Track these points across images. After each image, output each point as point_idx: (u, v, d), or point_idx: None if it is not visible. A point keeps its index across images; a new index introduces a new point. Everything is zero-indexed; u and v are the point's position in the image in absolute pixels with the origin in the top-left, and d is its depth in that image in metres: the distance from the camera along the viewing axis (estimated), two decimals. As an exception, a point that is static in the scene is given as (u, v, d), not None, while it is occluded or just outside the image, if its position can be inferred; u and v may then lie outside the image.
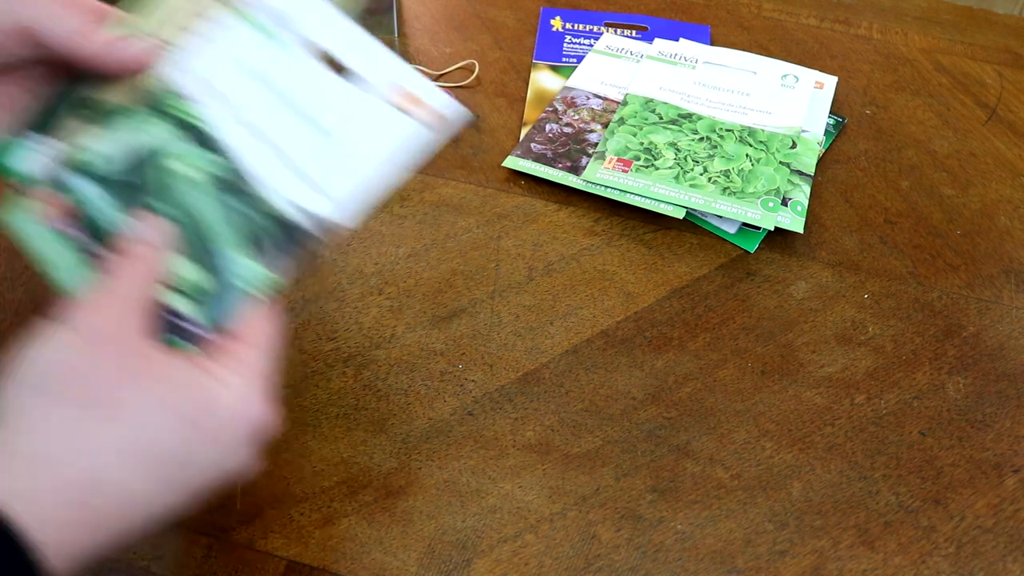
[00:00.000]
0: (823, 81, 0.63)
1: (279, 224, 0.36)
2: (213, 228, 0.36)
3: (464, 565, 0.40)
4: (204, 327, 0.34)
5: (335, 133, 0.37)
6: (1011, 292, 0.52)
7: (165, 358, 0.31)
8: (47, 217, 0.37)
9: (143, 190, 0.36)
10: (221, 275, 0.35)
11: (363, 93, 0.37)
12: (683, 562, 0.41)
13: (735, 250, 0.54)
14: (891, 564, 0.41)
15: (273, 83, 0.38)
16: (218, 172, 0.36)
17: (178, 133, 0.37)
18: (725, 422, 0.46)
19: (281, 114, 0.37)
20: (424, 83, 0.37)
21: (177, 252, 0.35)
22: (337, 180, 0.36)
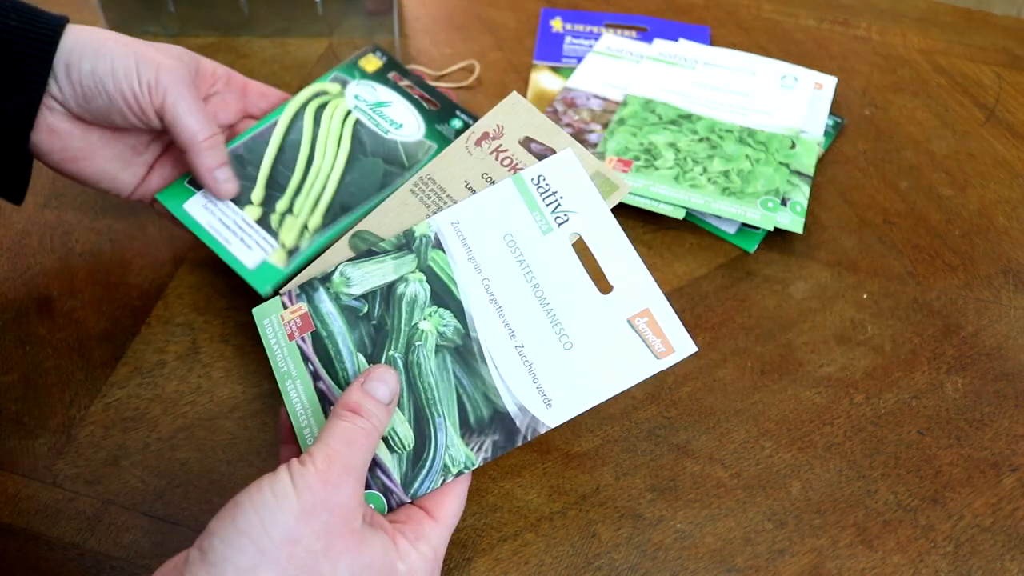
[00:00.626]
0: (822, 82, 0.64)
1: (497, 415, 0.37)
2: (440, 399, 0.37)
3: (464, 564, 0.40)
4: (404, 493, 0.36)
5: (577, 348, 0.38)
6: (1009, 292, 0.53)
7: (367, 533, 0.33)
8: (291, 328, 0.40)
9: (388, 338, 0.39)
10: (434, 448, 0.37)
11: (613, 311, 0.38)
12: (683, 561, 0.41)
13: (734, 250, 0.54)
14: (890, 563, 0.41)
15: (531, 268, 0.39)
16: (456, 340, 0.38)
17: (429, 287, 0.39)
18: (724, 421, 0.46)
19: (531, 304, 0.38)
20: (668, 314, 0.38)
21: (400, 408, 0.37)
22: (566, 395, 0.37)
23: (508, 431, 0.37)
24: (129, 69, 0.42)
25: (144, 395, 0.45)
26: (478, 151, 0.43)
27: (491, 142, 0.43)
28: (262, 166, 0.48)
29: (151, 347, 0.48)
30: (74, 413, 0.45)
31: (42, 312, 0.49)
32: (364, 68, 0.53)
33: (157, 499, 0.42)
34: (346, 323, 0.40)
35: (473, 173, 0.43)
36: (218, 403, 0.45)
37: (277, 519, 0.31)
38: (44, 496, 0.42)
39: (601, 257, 0.39)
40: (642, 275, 0.38)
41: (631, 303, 0.38)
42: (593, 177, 0.41)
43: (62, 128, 0.43)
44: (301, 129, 0.49)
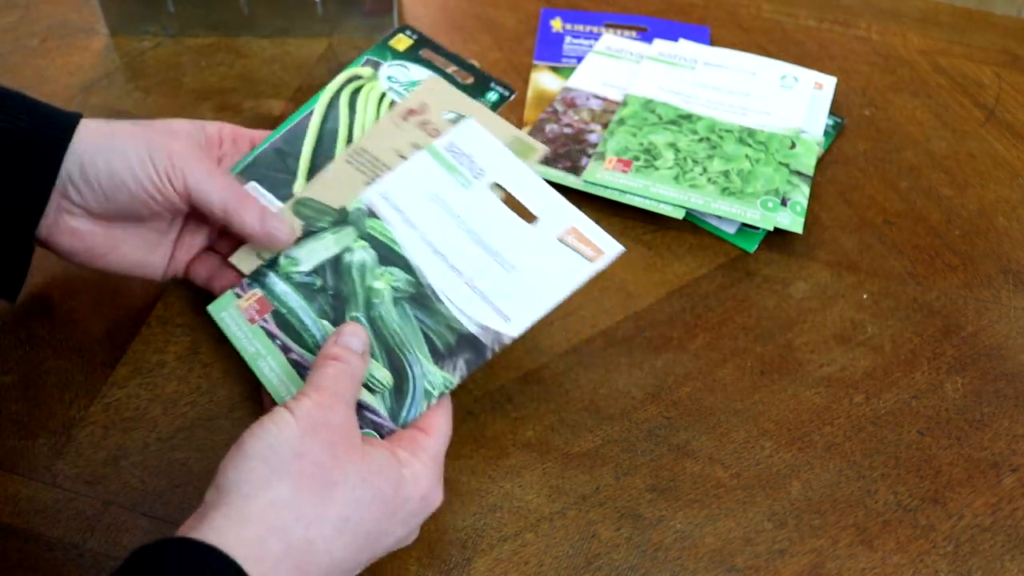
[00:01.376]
0: (822, 82, 0.64)
1: (462, 338, 0.41)
2: (408, 339, 0.42)
3: (464, 564, 0.40)
4: (393, 423, 0.40)
5: (520, 269, 0.43)
6: (1009, 292, 0.53)
7: (367, 448, 0.36)
8: (249, 313, 0.43)
9: (348, 302, 0.43)
10: (412, 379, 0.41)
11: (542, 234, 0.43)
12: (682, 561, 0.41)
13: (734, 250, 0.54)
14: (890, 563, 0.41)
15: (462, 219, 0.44)
16: (410, 289, 0.43)
17: (374, 251, 0.44)
18: (724, 422, 0.46)
19: (469, 246, 0.43)
20: (593, 226, 0.43)
21: (374, 356, 0.41)
22: (517, 306, 0.42)
23: (475, 348, 0.41)
24: (144, 160, 0.41)
25: (144, 395, 0.45)
26: (406, 125, 0.48)
27: (417, 116, 0.48)
28: (301, 158, 0.48)
29: (151, 347, 0.48)
30: (74, 413, 0.45)
31: (42, 313, 0.49)
32: (395, 48, 0.52)
33: (157, 499, 0.42)
34: (303, 297, 0.43)
35: (403, 143, 0.48)
36: (218, 403, 0.45)
37: (281, 439, 0.34)
38: (44, 496, 0.42)
39: (521, 196, 0.44)
40: (561, 203, 0.44)
41: (557, 225, 0.43)
42: (511, 144, 0.47)
43: (84, 229, 0.43)
44: (338, 116, 0.50)
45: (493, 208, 0.45)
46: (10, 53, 0.65)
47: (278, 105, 0.62)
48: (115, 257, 0.44)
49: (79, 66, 0.64)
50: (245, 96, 0.62)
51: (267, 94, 0.62)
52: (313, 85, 0.63)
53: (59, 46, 0.66)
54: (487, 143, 0.46)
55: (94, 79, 0.63)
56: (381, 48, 0.52)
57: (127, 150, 0.41)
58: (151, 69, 0.64)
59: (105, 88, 0.62)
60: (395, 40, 0.53)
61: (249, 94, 0.62)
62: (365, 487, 0.34)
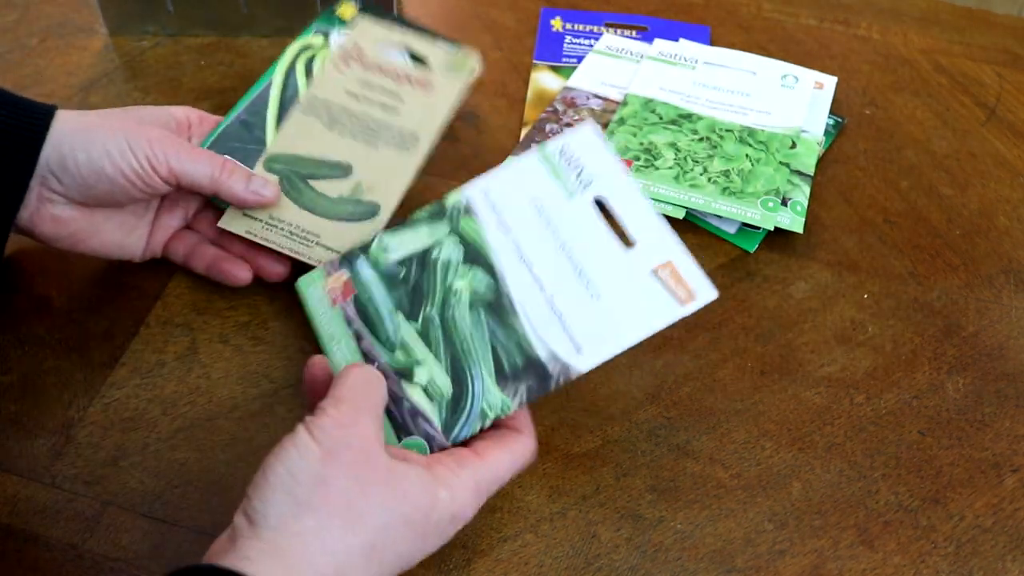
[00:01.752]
0: (823, 81, 0.63)
1: (530, 362, 0.40)
2: (475, 350, 0.41)
3: (464, 564, 0.40)
4: (445, 438, 0.39)
5: (604, 298, 0.41)
6: (1010, 292, 0.53)
7: (395, 465, 0.35)
8: (334, 294, 0.44)
9: (425, 298, 0.42)
10: (471, 395, 0.40)
11: (636, 264, 0.41)
12: (683, 562, 0.41)
13: (735, 250, 0.54)
14: (890, 563, 0.41)
15: (558, 230, 0.42)
16: (489, 295, 0.42)
17: (462, 248, 0.43)
18: (725, 422, 0.46)
19: (558, 259, 0.42)
20: (689, 263, 0.41)
21: (439, 359, 0.41)
22: (593, 337, 0.40)
23: (541, 376, 0.40)
24: (124, 151, 0.43)
25: (143, 396, 0.45)
26: (348, 70, 0.51)
27: (356, 61, 0.51)
28: (268, 127, 0.50)
29: (150, 347, 0.47)
30: (73, 414, 0.45)
31: (41, 312, 0.49)
32: (342, 17, 0.55)
33: (156, 500, 0.42)
34: (385, 287, 0.43)
35: (351, 84, 0.51)
36: (217, 404, 0.45)
37: (302, 467, 0.33)
38: (43, 497, 0.42)
39: (624, 216, 0.42)
40: (663, 231, 0.41)
41: (653, 256, 0.41)
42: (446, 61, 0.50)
43: (66, 216, 0.44)
44: (296, 84, 0.52)
45: (591, 224, 0.42)
46: (9, 52, 0.65)
47: (278, 105, 0.61)
48: (96, 241, 0.46)
49: (78, 66, 0.64)
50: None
51: (267, 94, 0.62)
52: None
53: (58, 46, 0.65)
54: (601, 154, 0.44)
55: (93, 79, 0.63)
56: (329, 17, 0.55)
57: (107, 142, 0.43)
58: (150, 69, 0.64)
59: (104, 88, 0.62)
60: (341, 9, 0.55)
61: (249, 94, 0.62)
62: (392, 513, 0.34)
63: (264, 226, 0.47)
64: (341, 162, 0.49)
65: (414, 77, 0.51)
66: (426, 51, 0.53)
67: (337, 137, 0.50)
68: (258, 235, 0.47)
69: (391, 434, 0.40)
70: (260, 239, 0.47)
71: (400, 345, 0.42)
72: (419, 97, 0.51)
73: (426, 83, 0.51)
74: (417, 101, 0.51)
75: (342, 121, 0.50)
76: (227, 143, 0.50)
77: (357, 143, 0.50)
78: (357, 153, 0.50)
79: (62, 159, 0.42)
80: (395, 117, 0.50)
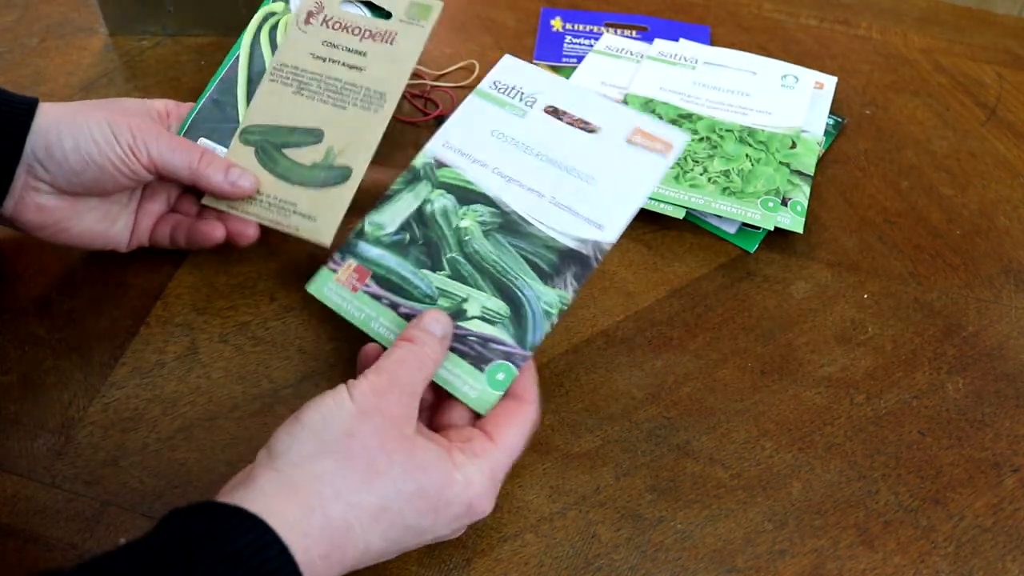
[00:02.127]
0: (823, 81, 0.63)
1: (563, 254, 0.43)
2: (510, 266, 0.43)
3: (464, 564, 0.40)
4: (523, 349, 0.42)
5: (599, 179, 0.45)
6: (1010, 292, 0.53)
7: (418, 439, 0.36)
8: (350, 283, 0.45)
9: (440, 246, 0.45)
10: (527, 303, 0.42)
11: (609, 141, 0.46)
12: (683, 562, 0.41)
13: (735, 250, 0.54)
14: (890, 563, 0.41)
15: (528, 146, 0.46)
16: (497, 220, 0.45)
17: (452, 196, 0.46)
18: (725, 422, 0.46)
19: (543, 167, 0.46)
20: (652, 121, 0.46)
21: (481, 289, 0.43)
22: (606, 212, 0.44)
23: (580, 261, 0.43)
24: (108, 137, 0.44)
25: (143, 395, 0.45)
26: (310, 28, 0.52)
27: (317, 17, 0.52)
28: (239, 104, 0.51)
29: (150, 347, 0.47)
30: (73, 414, 0.45)
31: (41, 312, 0.49)
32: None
33: (156, 500, 0.42)
34: (398, 254, 0.45)
35: (314, 45, 0.51)
36: (217, 403, 0.45)
37: (336, 418, 0.35)
38: (43, 497, 0.42)
39: (577, 111, 0.47)
40: (617, 107, 0.47)
41: (620, 129, 0.46)
42: (409, 9, 0.51)
43: (51, 204, 0.45)
44: (262, 55, 0.53)
45: (554, 128, 0.47)
46: (9, 52, 0.65)
47: (278, 105, 0.61)
48: (80, 230, 0.46)
49: (78, 65, 0.64)
50: (245, 96, 0.62)
51: (267, 94, 0.62)
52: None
53: (58, 45, 0.65)
54: (528, 72, 0.49)
55: (93, 78, 0.63)
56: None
57: (92, 129, 0.43)
58: (150, 68, 0.64)
59: (104, 88, 0.62)
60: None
61: (249, 94, 0.62)
62: (408, 480, 0.35)
63: (244, 199, 0.48)
64: (312, 128, 0.50)
65: (376, 31, 0.51)
66: (387, 4, 0.52)
67: (306, 101, 0.50)
68: (238, 208, 0.48)
69: (471, 369, 0.42)
70: (241, 212, 0.48)
71: (439, 294, 0.44)
72: (383, 51, 0.51)
73: (388, 35, 0.51)
74: (381, 56, 0.51)
75: (310, 86, 0.51)
76: (202, 125, 0.51)
77: (326, 106, 0.50)
78: (326, 117, 0.50)
79: (49, 147, 0.43)
80: (361, 76, 0.51)
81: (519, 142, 0.47)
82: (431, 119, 0.61)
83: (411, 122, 0.61)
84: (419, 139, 0.59)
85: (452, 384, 0.42)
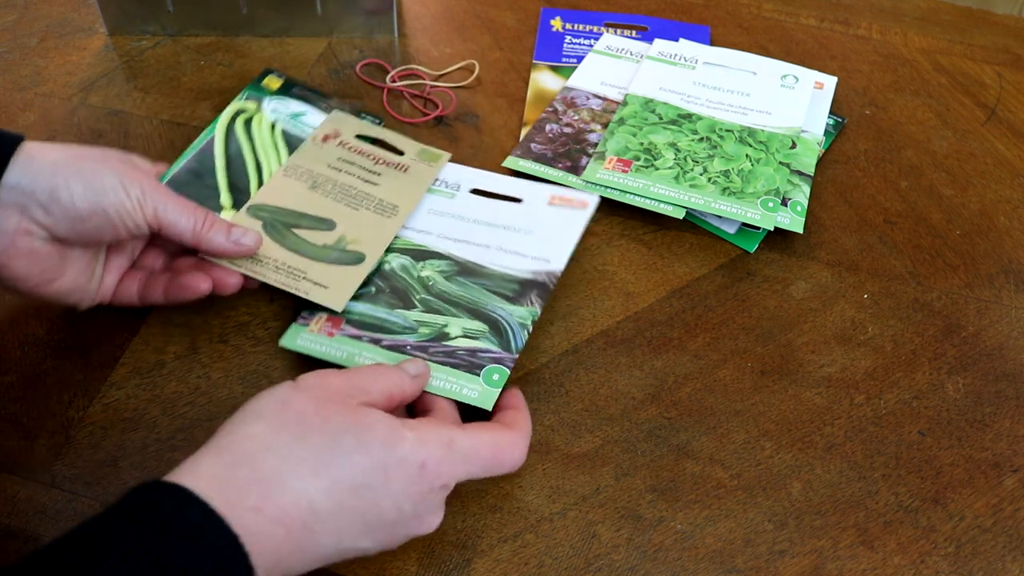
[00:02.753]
0: (823, 81, 0.63)
1: (522, 283, 0.48)
2: (478, 297, 0.48)
3: (464, 565, 0.40)
4: (509, 352, 0.45)
5: (534, 230, 0.51)
6: (1010, 292, 0.53)
7: (364, 407, 0.36)
8: (325, 331, 0.46)
9: (408, 292, 0.48)
10: (503, 318, 0.46)
11: (534, 207, 0.53)
12: (683, 562, 0.41)
13: (735, 250, 0.54)
14: (890, 564, 0.41)
15: (464, 216, 0.52)
16: (455, 268, 0.49)
17: (407, 256, 0.50)
18: (725, 422, 0.46)
19: (483, 229, 0.51)
20: (564, 190, 0.53)
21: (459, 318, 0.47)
22: (549, 252, 0.50)
23: (538, 286, 0.48)
24: (116, 186, 0.42)
25: (143, 396, 0.45)
26: (326, 146, 0.55)
27: (334, 140, 0.55)
28: (218, 175, 0.53)
29: (150, 348, 0.47)
30: (73, 414, 0.45)
31: (40, 313, 0.49)
32: (269, 87, 0.59)
33: (156, 500, 0.42)
34: (367, 303, 0.48)
35: (330, 158, 0.54)
36: (217, 404, 0.45)
37: (274, 394, 0.36)
38: (43, 497, 0.42)
39: (499, 190, 0.54)
40: (531, 184, 0.54)
41: (539, 197, 0.53)
42: (420, 153, 0.56)
43: (43, 251, 0.42)
44: (238, 141, 0.55)
45: (484, 203, 0.53)
46: (9, 52, 0.65)
47: (277, 105, 0.61)
48: (61, 282, 0.43)
49: (78, 65, 0.64)
50: (244, 96, 0.62)
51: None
52: (312, 85, 0.63)
53: (58, 46, 0.65)
54: (452, 169, 0.55)
55: (93, 78, 0.63)
56: (257, 88, 0.59)
57: (103, 176, 0.42)
58: (150, 68, 0.64)
59: (104, 87, 0.62)
60: (266, 81, 0.59)
61: (248, 94, 0.62)
62: (348, 436, 0.35)
63: (251, 260, 0.48)
64: (325, 218, 0.51)
65: (390, 161, 0.55)
66: (400, 144, 0.56)
67: (320, 197, 0.52)
68: (244, 267, 0.47)
69: (467, 375, 0.44)
70: (246, 271, 0.47)
71: (419, 325, 0.46)
72: (396, 176, 0.54)
73: (401, 166, 0.54)
74: (395, 179, 0.54)
75: (325, 187, 0.52)
76: (179, 189, 0.50)
77: (340, 205, 0.52)
78: (340, 213, 0.51)
79: (54, 190, 0.41)
80: (375, 188, 0.53)
81: (456, 215, 0.52)
82: (431, 119, 0.61)
83: (411, 122, 0.61)
84: (419, 139, 0.59)
85: (453, 392, 0.43)
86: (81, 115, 0.60)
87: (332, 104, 0.59)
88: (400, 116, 0.61)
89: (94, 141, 0.58)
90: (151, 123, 0.60)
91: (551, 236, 0.51)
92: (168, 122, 0.60)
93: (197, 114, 0.60)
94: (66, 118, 0.60)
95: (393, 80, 0.64)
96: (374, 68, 0.65)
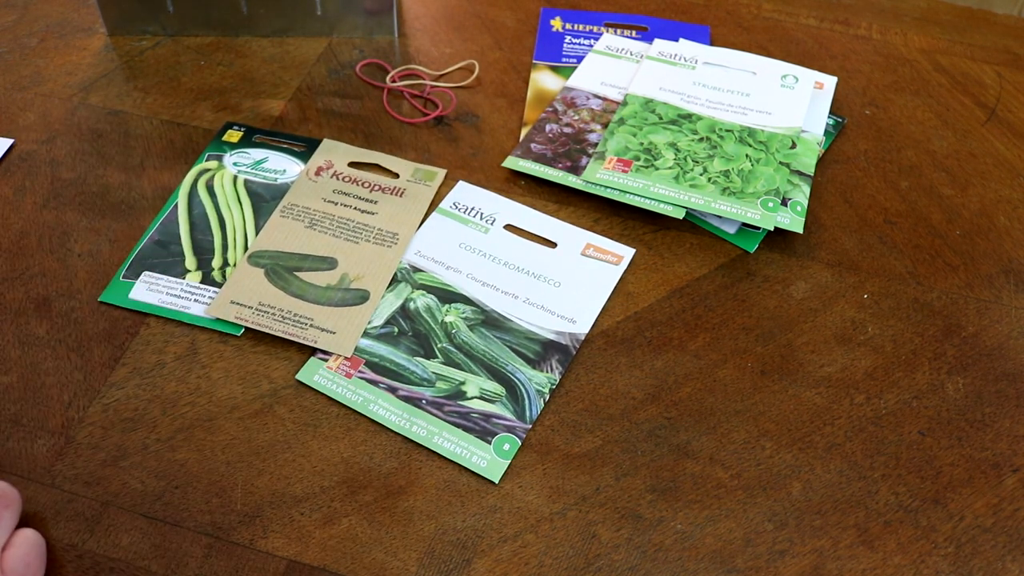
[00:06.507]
0: (823, 81, 0.63)
1: (544, 344, 0.48)
2: (499, 354, 0.47)
3: (464, 565, 0.40)
4: (523, 422, 0.45)
5: (564, 284, 0.51)
6: (1010, 292, 0.53)
7: None
8: (342, 371, 0.46)
9: (429, 337, 0.48)
10: (520, 384, 0.46)
11: (567, 254, 0.52)
12: (683, 562, 0.41)
13: (735, 250, 0.54)
14: (890, 564, 0.41)
15: (496, 256, 0.52)
16: (479, 316, 0.49)
17: (433, 296, 0.49)
18: (725, 422, 0.46)
19: (512, 275, 0.51)
20: (600, 239, 0.53)
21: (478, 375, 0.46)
22: (579, 312, 0.49)
23: (560, 350, 0.48)
24: None
25: (143, 396, 0.45)
26: (320, 179, 0.55)
27: (327, 171, 0.56)
28: (183, 242, 0.52)
29: (150, 348, 0.47)
30: (73, 414, 0.45)
31: (41, 313, 0.49)
32: (230, 141, 0.58)
33: (156, 500, 0.42)
34: (388, 345, 0.47)
35: (324, 192, 0.55)
36: (217, 404, 0.45)
37: None
38: (43, 497, 0.42)
39: (533, 228, 0.53)
40: (569, 228, 0.54)
41: (575, 245, 0.53)
42: (415, 172, 0.56)
43: None
44: (202, 202, 0.54)
45: (516, 244, 0.52)
46: (9, 52, 0.65)
47: (277, 105, 0.61)
48: None
49: (78, 65, 0.64)
50: (244, 96, 0.62)
51: (266, 94, 0.62)
52: (312, 85, 0.63)
53: (58, 46, 0.65)
54: (483, 196, 0.55)
55: (93, 79, 0.63)
56: (218, 144, 0.58)
57: None
58: (150, 69, 0.64)
59: (104, 88, 0.62)
60: (227, 136, 0.59)
61: (248, 94, 0.62)
62: None
63: (255, 312, 0.48)
64: (326, 256, 0.51)
65: (385, 186, 0.55)
66: (394, 166, 0.56)
67: (319, 235, 0.52)
68: (250, 320, 0.47)
69: (479, 442, 0.44)
70: (252, 324, 0.47)
71: (437, 378, 0.46)
72: (393, 200, 0.54)
73: (397, 191, 0.55)
74: (392, 205, 0.54)
75: (323, 223, 0.53)
76: (145, 262, 0.51)
77: (339, 240, 0.52)
78: (341, 249, 0.51)
79: None
80: (373, 218, 0.53)
81: (487, 253, 0.52)
82: (431, 119, 0.61)
83: (411, 122, 0.61)
84: (419, 139, 0.59)
85: (461, 457, 0.43)
86: (81, 115, 0.60)
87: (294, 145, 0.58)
88: (400, 116, 0.61)
89: (94, 141, 0.58)
90: (151, 123, 0.60)
91: (580, 294, 0.50)
92: (168, 122, 0.60)
93: (197, 114, 0.60)
94: (66, 118, 0.60)
95: (393, 80, 0.64)
96: (374, 68, 0.65)
